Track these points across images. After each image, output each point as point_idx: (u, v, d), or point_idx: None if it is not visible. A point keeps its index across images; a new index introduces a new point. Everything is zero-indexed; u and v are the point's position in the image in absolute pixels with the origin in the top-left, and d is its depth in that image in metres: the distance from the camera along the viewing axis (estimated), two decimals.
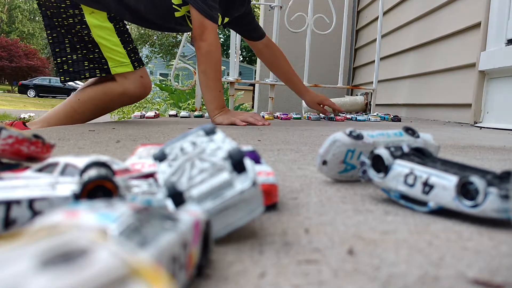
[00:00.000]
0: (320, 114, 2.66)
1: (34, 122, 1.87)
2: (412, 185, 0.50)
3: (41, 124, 1.85)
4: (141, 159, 0.57)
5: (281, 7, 3.05)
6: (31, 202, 0.34)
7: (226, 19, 2.12)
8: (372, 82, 3.25)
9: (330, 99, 3.53)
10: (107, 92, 1.90)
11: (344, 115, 2.63)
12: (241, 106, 4.57)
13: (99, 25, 1.84)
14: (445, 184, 0.47)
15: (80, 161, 0.42)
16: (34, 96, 20.79)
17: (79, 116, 1.90)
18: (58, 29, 1.86)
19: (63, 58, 1.88)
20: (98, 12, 1.84)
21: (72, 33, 1.86)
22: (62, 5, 1.82)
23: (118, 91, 1.90)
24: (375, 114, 2.84)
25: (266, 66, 2.50)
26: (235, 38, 2.94)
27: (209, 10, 1.88)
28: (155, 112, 2.70)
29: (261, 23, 4.37)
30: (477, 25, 2.24)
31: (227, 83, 3.06)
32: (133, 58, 1.90)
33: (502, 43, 2.08)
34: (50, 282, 0.13)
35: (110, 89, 1.90)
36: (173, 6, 1.93)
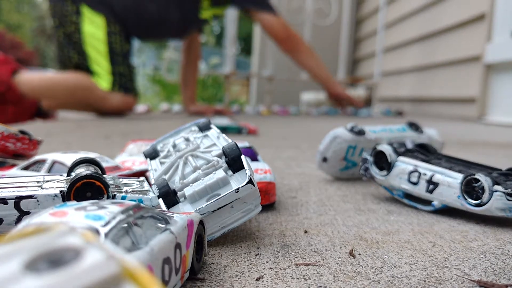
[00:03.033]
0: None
1: (22, 83, 1.85)
2: (416, 183, 0.48)
3: (29, 91, 1.85)
4: (131, 156, 0.55)
5: None
6: (17, 201, 0.33)
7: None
8: (374, 74, 3.24)
9: None
10: (92, 89, 1.92)
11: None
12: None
13: (93, 34, 1.92)
14: (450, 182, 0.45)
15: (68, 158, 0.40)
16: None
17: (58, 94, 1.92)
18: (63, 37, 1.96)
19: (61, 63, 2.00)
20: (97, 19, 1.91)
21: (73, 42, 1.95)
22: (67, 14, 1.91)
23: (99, 94, 1.94)
24: (376, 108, 2.82)
25: None
26: (232, 27, 2.90)
27: (272, 6, 2.05)
28: (147, 106, 2.69)
29: None
30: (482, 15, 2.22)
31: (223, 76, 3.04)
32: (117, 80, 1.95)
33: (507, 34, 2.05)
34: (39, 282, 0.13)
35: (94, 88, 1.93)
36: (199, 5, 2.01)
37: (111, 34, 1.93)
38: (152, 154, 0.43)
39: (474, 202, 0.44)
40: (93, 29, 1.91)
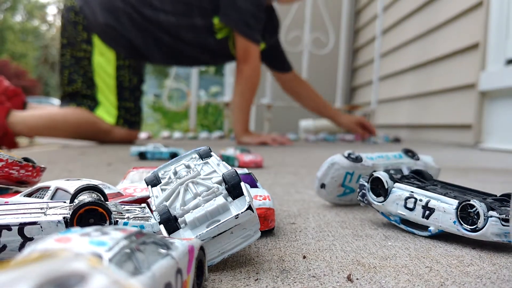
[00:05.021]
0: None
1: (16, 124, 1.84)
2: (412, 209, 0.49)
3: (26, 130, 1.85)
4: (133, 183, 0.56)
5: None
6: (21, 227, 0.34)
7: (262, 45, 2.17)
8: (371, 102, 3.27)
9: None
10: (96, 123, 1.94)
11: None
12: None
13: (103, 66, 1.93)
14: (445, 208, 0.46)
15: (71, 185, 0.41)
16: None
17: (58, 132, 1.93)
18: (71, 61, 1.96)
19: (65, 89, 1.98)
20: (108, 52, 1.92)
21: (80, 66, 1.95)
22: (78, 39, 1.91)
23: (104, 128, 1.95)
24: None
25: (293, 98, 2.50)
26: None
27: (252, 34, 1.98)
28: (148, 133, 2.70)
29: None
30: (476, 44, 2.26)
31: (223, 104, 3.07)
32: (122, 115, 1.96)
33: (501, 63, 2.09)
34: None
35: (99, 122, 1.94)
36: (214, 28, 2.01)
37: (120, 69, 1.93)
38: (153, 181, 0.44)
39: (469, 227, 0.44)
40: (104, 61, 1.92)
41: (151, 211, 0.41)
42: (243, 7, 1.93)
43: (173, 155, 1.28)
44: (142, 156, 1.28)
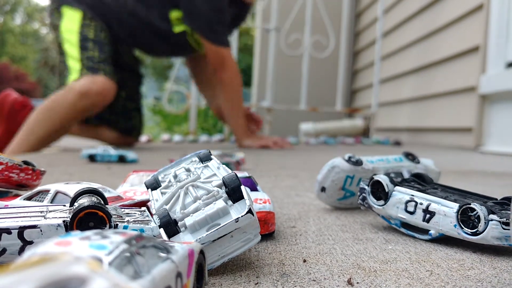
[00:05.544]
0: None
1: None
2: (412, 213, 0.49)
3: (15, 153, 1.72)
4: (133, 186, 0.56)
5: (278, 30, 3.09)
6: (21, 231, 0.34)
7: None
8: (371, 105, 3.27)
9: (330, 122, 3.56)
10: (55, 98, 1.76)
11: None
12: None
13: (68, 29, 1.84)
14: (446, 211, 0.46)
15: (71, 189, 0.41)
16: None
17: (36, 132, 1.74)
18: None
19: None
20: (75, 14, 1.84)
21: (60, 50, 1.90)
22: (56, 22, 1.88)
23: (64, 92, 1.75)
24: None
25: (204, 95, 2.38)
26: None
27: (221, 38, 1.91)
28: (148, 137, 2.71)
29: (257, 47, 4.42)
30: (476, 47, 2.26)
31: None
32: (84, 64, 1.78)
33: (502, 66, 2.09)
34: None
35: (58, 94, 1.78)
36: (170, 21, 1.91)
37: (84, 26, 1.83)
38: (153, 185, 0.44)
39: (470, 231, 0.44)
40: (69, 24, 1.83)
41: (151, 214, 0.41)
42: (205, 14, 1.84)
43: (121, 158, 1.28)
44: (92, 158, 1.28)
